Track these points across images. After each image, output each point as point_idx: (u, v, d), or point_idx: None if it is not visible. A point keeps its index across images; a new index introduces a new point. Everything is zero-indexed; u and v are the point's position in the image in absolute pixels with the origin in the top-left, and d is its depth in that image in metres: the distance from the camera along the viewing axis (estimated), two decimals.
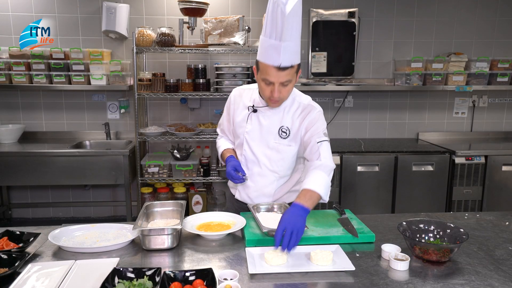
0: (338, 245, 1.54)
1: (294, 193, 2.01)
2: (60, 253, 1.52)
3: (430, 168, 3.57)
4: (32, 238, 1.54)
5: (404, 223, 1.60)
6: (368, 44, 4.05)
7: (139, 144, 3.62)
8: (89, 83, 3.64)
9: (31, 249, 1.53)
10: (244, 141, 1.89)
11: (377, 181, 3.57)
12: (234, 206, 2.04)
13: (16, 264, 1.36)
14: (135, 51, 3.42)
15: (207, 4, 3.47)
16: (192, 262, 1.46)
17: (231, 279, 1.26)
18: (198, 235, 1.65)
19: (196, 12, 3.46)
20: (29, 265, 1.37)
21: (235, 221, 1.74)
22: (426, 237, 1.58)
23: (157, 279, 1.26)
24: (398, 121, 4.24)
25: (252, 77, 3.59)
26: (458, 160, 3.54)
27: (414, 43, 4.08)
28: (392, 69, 4.11)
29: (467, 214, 1.98)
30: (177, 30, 3.59)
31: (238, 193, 1.99)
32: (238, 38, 3.45)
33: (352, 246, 1.58)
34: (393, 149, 3.64)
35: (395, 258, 1.41)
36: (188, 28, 3.56)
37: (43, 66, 3.57)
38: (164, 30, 3.49)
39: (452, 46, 4.09)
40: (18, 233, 1.59)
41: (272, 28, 1.58)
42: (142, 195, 3.70)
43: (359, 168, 3.54)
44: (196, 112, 4.06)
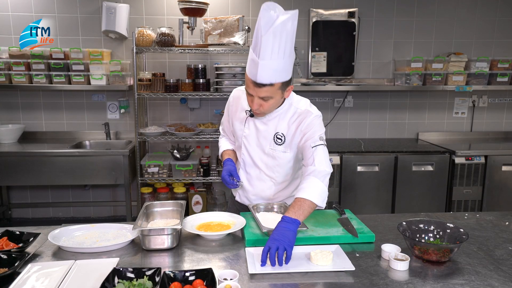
0: (338, 245, 1.54)
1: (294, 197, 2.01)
2: (60, 253, 1.52)
3: (430, 168, 3.57)
4: (32, 238, 1.54)
5: (404, 223, 1.60)
6: (368, 44, 4.05)
7: (139, 144, 3.62)
8: (89, 83, 3.63)
9: (31, 249, 1.53)
10: (243, 144, 1.89)
11: (377, 181, 3.57)
12: (235, 206, 2.04)
13: (16, 264, 1.36)
14: (135, 51, 3.42)
15: (207, 4, 3.47)
16: (192, 262, 1.46)
17: (231, 279, 1.26)
18: (198, 235, 1.65)
19: (196, 12, 3.46)
20: (29, 265, 1.37)
21: (235, 221, 1.74)
22: (426, 237, 1.58)
23: (157, 279, 1.26)
24: (398, 121, 4.24)
25: None
26: (458, 160, 3.54)
27: (414, 43, 4.08)
28: (392, 69, 4.11)
29: (467, 214, 1.98)
30: (177, 30, 3.59)
31: (238, 195, 1.99)
32: (238, 38, 3.45)
33: (352, 246, 1.58)
34: (393, 149, 3.64)
35: (395, 258, 1.41)
36: (188, 28, 3.56)
37: (43, 66, 3.57)
38: (164, 30, 3.49)
39: (452, 46, 4.09)
40: (18, 233, 1.59)
41: (254, 42, 1.57)
42: (142, 195, 3.70)
43: (359, 168, 3.54)
44: (196, 112, 4.06)
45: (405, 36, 4.06)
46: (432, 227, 1.59)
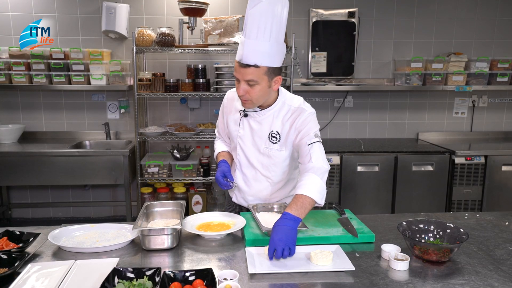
0: (338, 245, 1.54)
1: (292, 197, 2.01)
2: (60, 253, 1.52)
3: (430, 168, 3.57)
4: (32, 238, 1.54)
5: (404, 223, 1.60)
6: (368, 44, 4.05)
7: (139, 144, 3.62)
8: (89, 83, 3.64)
9: (31, 249, 1.53)
10: (238, 145, 1.88)
11: (377, 181, 3.57)
12: (232, 208, 2.02)
13: (16, 264, 1.36)
14: (135, 51, 3.42)
15: (207, 4, 3.47)
16: (192, 262, 1.46)
17: (231, 279, 1.26)
18: (198, 235, 1.65)
19: (196, 12, 3.46)
20: (29, 265, 1.37)
21: (235, 221, 1.74)
22: (426, 237, 1.58)
23: (157, 279, 1.26)
24: (398, 121, 4.24)
25: None
26: (458, 160, 3.54)
27: (414, 43, 4.08)
28: (392, 69, 4.11)
29: (467, 214, 1.98)
30: (177, 30, 3.59)
31: (235, 196, 1.99)
32: (238, 38, 3.44)
33: (352, 246, 1.58)
34: (393, 149, 3.64)
35: (395, 258, 1.41)
36: (188, 28, 3.56)
37: (43, 66, 3.57)
38: (164, 30, 3.49)
39: (452, 46, 4.09)
40: (18, 233, 1.59)
41: (244, 25, 1.62)
42: (142, 195, 3.70)
43: (359, 168, 3.54)
44: (196, 112, 4.06)
45: (405, 36, 4.06)
46: (432, 227, 1.59)
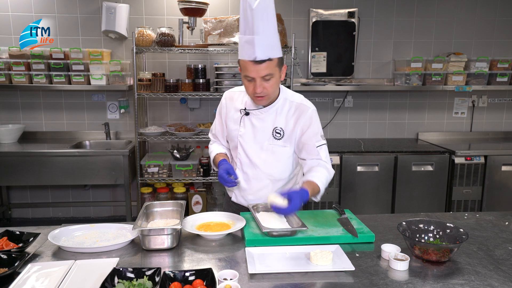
0: (338, 245, 1.54)
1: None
2: (60, 253, 1.52)
3: (429, 168, 3.57)
4: (32, 238, 1.54)
5: (404, 223, 1.60)
6: (367, 44, 4.05)
7: (139, 144, 3.62)
8: (89, 83, 3.64)
9: (30, 249, 1.53)
10: (238, 144, 1.88)
11: (377, 181, 3.57)
12: (231, 208, 2.01)
13: (16, 264, 1.36)
14: (135, 51, 3.42)
15: (207, 4, 3.47)
16: (192, 262, 1.46)
17: (231, 279, 1.26)
18: (198, 235, 1.65)
19: (196, 12, 3.47)
20: (29, 265, 1.37)
21: (235, 221, 1.74)
22: (426, 237, 1.58)
23: (157, 279, 1.26)
24: (398, 121, 4.24)
25: None
26: (458, 160, 3.54)
27: (413, 43, 4.08)
28: (392, 69, 4.11)
29: (466, 214, 1.98)
30: (177, 30, 3.59)
31: (235, 196, 1.98)
32: (238, 38, 3.44)
33: (352, 246, 1.58)
34: (393, 149, 3.64)
35: (395, 258, 1.41)
36: (188, 28, 3.56)
37: (43, 66, 3.57)
38: (164, 30, 3.49)
39: (452, 46, 4.10)
40: (18, 233, 1.59)
41: (244, 24, 1.66)
42: (142, 195, 3.70)
43: (359, 168, 3.54)
44: (196, 112, 4.06)
45: (405, 36, 4.06)
46: (432, 227, 1.59)
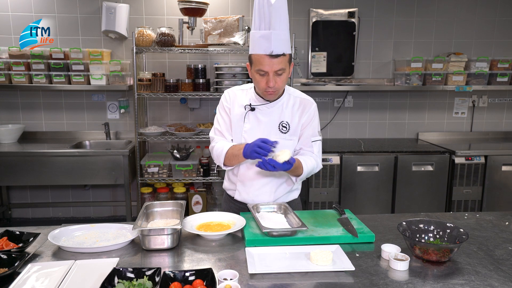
0: (338, 245, 1.54)
1: (295, 191, 2.01)
2: (60, 253, 1.52)
3: (430, 168, 3.57)
4: (32, 238, 1.54)
5: (404, 223, 1.60)
6: (368, 44, 4.05)
7: (139, 144, 3.62)
8: (88, 83, 3.64)
9: (30, 249, 1.53)
10: (243, 140, 1.88)
11: (377, 181, 3.57)
12: (231, 208, 2.00)
13: (16, 264, 1.36)
14: (134, 51, 3.42)
15: (207, 4, 3.47)
16: (192, 262, 1.46)
17: (231, 279, 1.26)
18: (198, 235, 1.65)
19: (196, 12, 3.46)
20: (29, 265, 1.37)
21: (235, 221, 1.74)
22: (426, 237, 1.58)
23: (157, 279, 1.26)
24: (398, 121, 4.24)
25: None
26: (458, 160, 3.54)
27: (414, 43, 4.08)
28: (392, 69, 4.11)
29: (467, 214, 1.98)
30: (177, 30, 3.59)
31: (238, 193, 1.96)
32: (238, 38, 3.45)
33: (352, 246, 1.58)
34: (393, 149, 3.64)
35: (395, 258, 1.41)
36: (188, 28, 3.56)
37: (43, 66, 3.57)
38: (164, 30, 3.49)
39: (452, 46, 4.10)
40: (17, 233, 1.58)
41: (260, 19, 1.70)
42: (142, 195, 3.70)
43: (359, 168, 3.54)
44: (196, 112, 4.06)
45: (405, 36, 4.06)
46: (432, 227, 1.59)
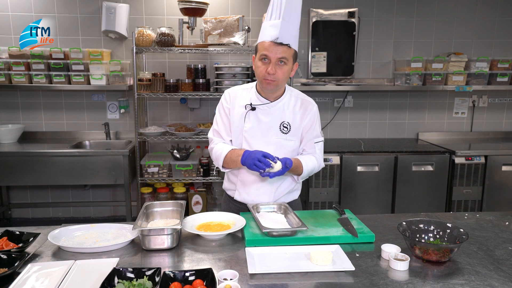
0: (338, 245, 1.54)
1: (295, 192, 2.01)
2: (60, 253, 1.52)
3: (430, 168, 3.57)
4: (32, 238, 1.54)
5: (404, 223, 1.60)
6: (368, 44, 4.05)
7: (139, 144, 3.62)
8: (88, 83, 3.64)
9: (30, 249, 1.53)
10: (243, 140, 1.88)
11: (377, 181, 3.57)
12: (231, 209, 1.99)
13: (16, 264, 1.36)
14: (134, 51, 3.42)
15: (207, 4, 3.47)
16: (192, 262, 1.46)
17: (231, 279, 1.26)
18: (198, 235, 1.65)
19: (196, 12, 3.46)
20: (29, 265, 1.37)
21: (235, 221, 1.74)
22: (426, 237, 1.58)
23: (157, 279, 1.26)
24: (398, 121, 4.24)
25: (252, 76, 3.59)
26: (458, 160, 3.54)
27: (414, 43, 4.08)
28: (392, 69, 4.11)
29: (467, 214, 1.98)
30: (177, 30, 3.59)
31: (238, 193, 1.96)
32: (238, 38, 3.45)
33: (352, 246, 1.58)
34: (393, 149, 3.64)
35: (395, 258, 1.41)
36: (188, 28, 3.56)
37: (43, 66, 3.57)
38: (164, 30, 3.49)
39: (452, 46, 4.10)
40: (17, 233, 1.58)
41: (273, 11, 1.74)
42: (142, 195, 3.70)
43: (359, 168, 3.54)
44: (196, 112, 4.06)
45: (405, 36, 4.06)
46: (432, 227, 1.59)
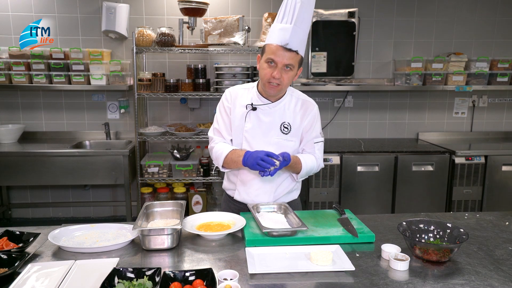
0: (338, 245, 1.54)
1: (295, 192, 2.01)
2: (60, 253, 1.52)
3: (430, 168, 3.57)
4: (32, 238, 1.54)
5: (404, 223, 1.60)
6: (368, 44, 4.05)
7: (139, 144, 3.62)
8: (89, 83, 3.64)
9: (31, 249, 1.53)
10: (244, 140, 1.88)
11: (377, 181, 3.57)
12: (231, 208, 1.99)
13: (16, 264, 1.36)
14: (135, 51, 3.42)
15: (207, 4, 3.47)
16: (192, 262, 1.46)
17: (231, 279, 1.26)
18: (198, 235, 1.65)
19: (196, 12, 3.46)
20: (29, 265, 1.37)
21: (235, 221, 1.74)
22: (426, 237, 1.58)
23: (157, 279, 1.26)
24: (398, 121, 4.24)
25: (252, 76, 3.59)
26: (458, 160, 3.54)
27: (414, 43, 4.08)
28: (392, 69, 4.11)
29: (467, 214, 1.98)
30: (177, 30, 3.59)
31: (238, 193, 1.96)
32: (238, 38, 3.45)
33: (352, 246, 1.58)
34: (393, 149, 3.64)
35: (395, 258, 1.41)
36: (188, 28, 3.56)
37: (43, 66, 3.57)
38: (164, 30, 3.49)
39: (452, 46, 4.09)
40: (18, 233, 1.58)
41: (285, 13, 1.72)
42: (142, 195, 3.70)
43: (359, 168, 3.54)
44: (196, 112, 4.06)
45: (405, 36, 4.06)
46: (432, 227, 1.59)
